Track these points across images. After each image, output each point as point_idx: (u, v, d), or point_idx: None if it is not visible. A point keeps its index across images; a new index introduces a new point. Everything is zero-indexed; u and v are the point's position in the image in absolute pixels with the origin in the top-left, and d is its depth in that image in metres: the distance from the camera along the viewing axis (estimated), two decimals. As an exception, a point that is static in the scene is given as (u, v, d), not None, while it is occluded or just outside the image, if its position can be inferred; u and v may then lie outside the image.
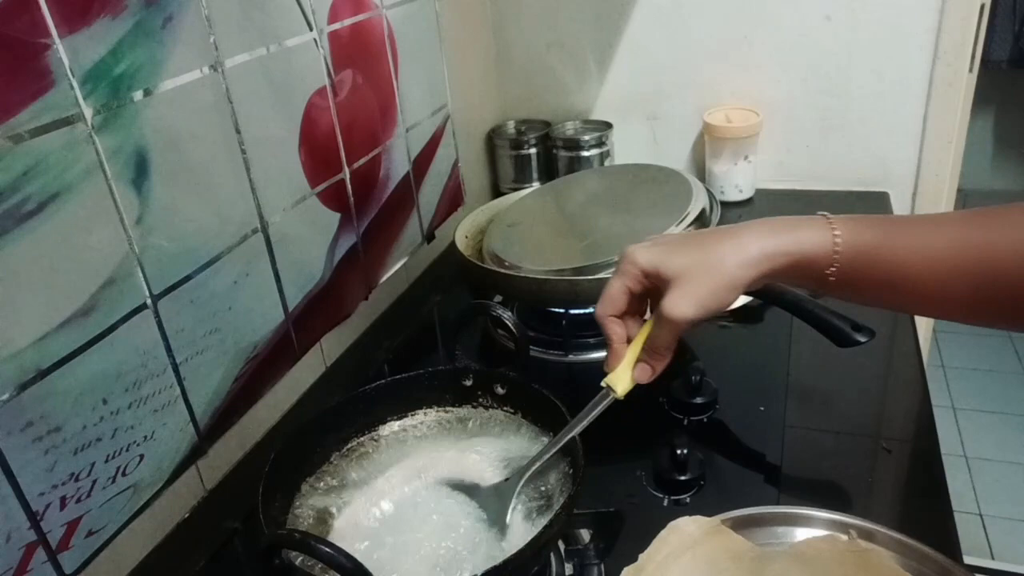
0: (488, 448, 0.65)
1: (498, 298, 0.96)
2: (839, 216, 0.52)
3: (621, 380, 0.58)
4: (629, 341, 0.59)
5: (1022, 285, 0.46)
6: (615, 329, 0.58)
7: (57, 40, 0.52)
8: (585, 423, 0.58)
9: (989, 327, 0.51)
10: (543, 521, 0.55)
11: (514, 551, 0.49)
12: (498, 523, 0.57)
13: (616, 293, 0.57)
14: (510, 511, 0.57)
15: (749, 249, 0.53)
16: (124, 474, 0.61)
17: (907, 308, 0.54)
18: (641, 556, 0.56)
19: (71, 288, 0.55)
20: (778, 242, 0.52)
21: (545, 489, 0.60)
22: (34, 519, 0.53)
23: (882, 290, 0.52)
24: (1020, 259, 0.45)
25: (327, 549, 0.44)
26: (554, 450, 0.58)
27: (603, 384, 0.59)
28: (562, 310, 0.91)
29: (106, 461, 0.59)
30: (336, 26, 0.85)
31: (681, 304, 0.53)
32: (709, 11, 1.22)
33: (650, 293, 0.57)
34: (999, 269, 0.46)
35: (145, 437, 0.63)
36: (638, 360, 0.58)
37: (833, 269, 0.51)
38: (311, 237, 0.85)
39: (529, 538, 0.50)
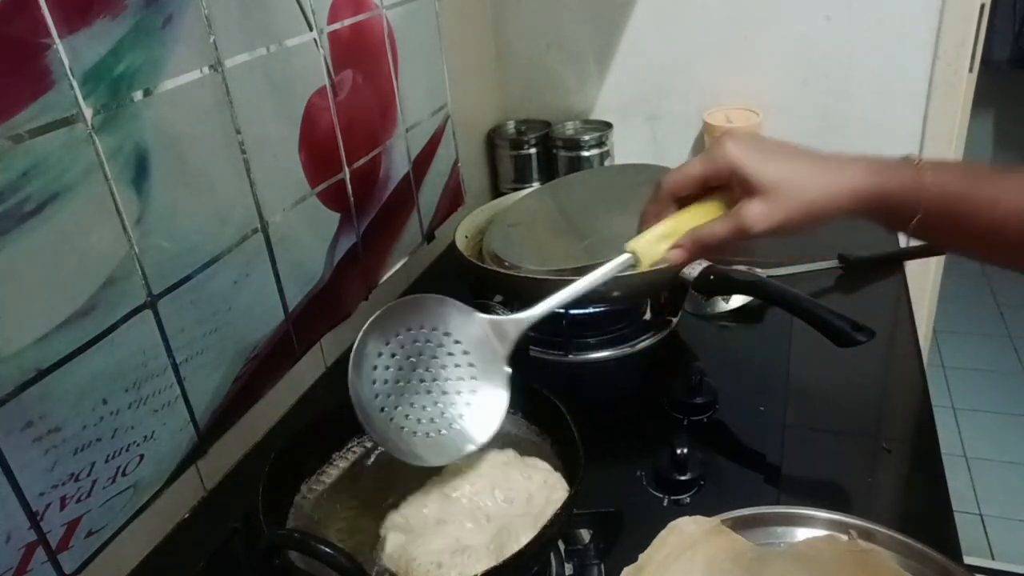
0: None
1: (498, 298, 0.96)
2: (928, 161, 0.52)
3: (651, 250, 0.55)
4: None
5: None
6: (663, 204, 0.57)
7: (57, 40, 0.52)
8: (599, 280, 0.55)
9: None
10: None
11: (513, 552, 0.49)
12: (494, 365, 0.57)
13: (694, 175, 0.56)
14: (508, 356, 0.57)
15: (839, 183, 0.53)
16: (124, 474, 0.61)
17: (988, 258, 0.54)
18: (641, 556, 0.56)
19: (71, 288, 0.55)
20: (868, 182, 0.52)
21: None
22: (34, 519, 0.53)
23: (964, 239, 0.53)
24: None
25: (327, 549, 0.44)
26: (561, 299, 0.56)
27: (627, 248, 0.55)
28: (562, 310, 0.91)
29: (106, 461, 0.59)
30: (336, 26, 0.85)
31: (761, 217, 0.53)
32: (709, 11, 1.22)
33: (723, 186, 0.56)
34: None
35: (145, 437, 0.63)
36: (676, 243, 0.55)
37: (918, 216, 0.51)
38: (311, 237, 0.85)
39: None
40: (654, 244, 0.55)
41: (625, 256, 0.55)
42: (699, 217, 0.55)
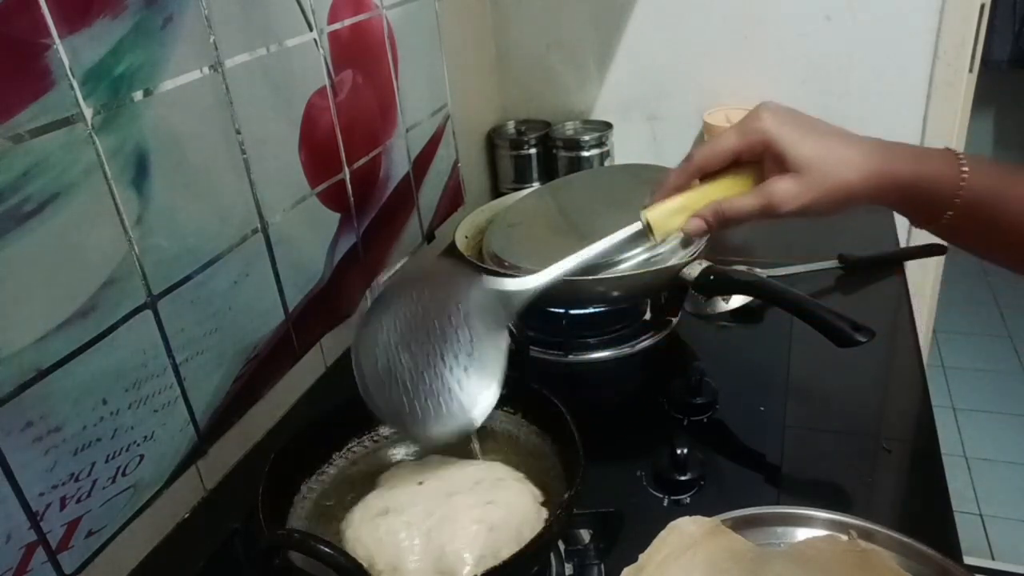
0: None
1: (498, 298, 0.96)
2: (969, 156, 0.50)
3: (666, 222, 0.53)
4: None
5: None
6: (687, 176, 0.54)
7: (57, 40, 0.52)
8: (609, 247, 0.55)
9: None
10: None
11: (513, 553, 0.49)
12: (496, 333, 0.57)
13: (727, 147, 0.53)
14: (510, 321, 0.57)
15: (876, 166, 0.50)
16: (124, 474, 0.61)
17: (1019, 266, 0.52)
18: (641, 556, 0.56)
19: (71, 288, 0.55)
20: (906, 168, 0.50)
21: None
22: (34, 519, 0.53)
23: (996, 241, 0.51)
24: None
25: (327, 549, 0.44)
26: (570, 267, 0.57)
27: (643, 217, 0.54)
28: (562, 310, 0.91)
29: (106, 461, 0.59)
30: (336, 26, 0.85)
31: (792, 196, 0.51)
32: (709, 11, 1.22)
33: (754, 160, 0.53)
34: None
35: (145, 437, 0.63)
36: (697, 214, 0.53)
37: (955, 204, 0.49)
38: (311, 237, 0.85)
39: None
40: (670, 216, 0.53)
41: (638, 225, 0.53)
42: (722, 191, 0.53)
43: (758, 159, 0.53)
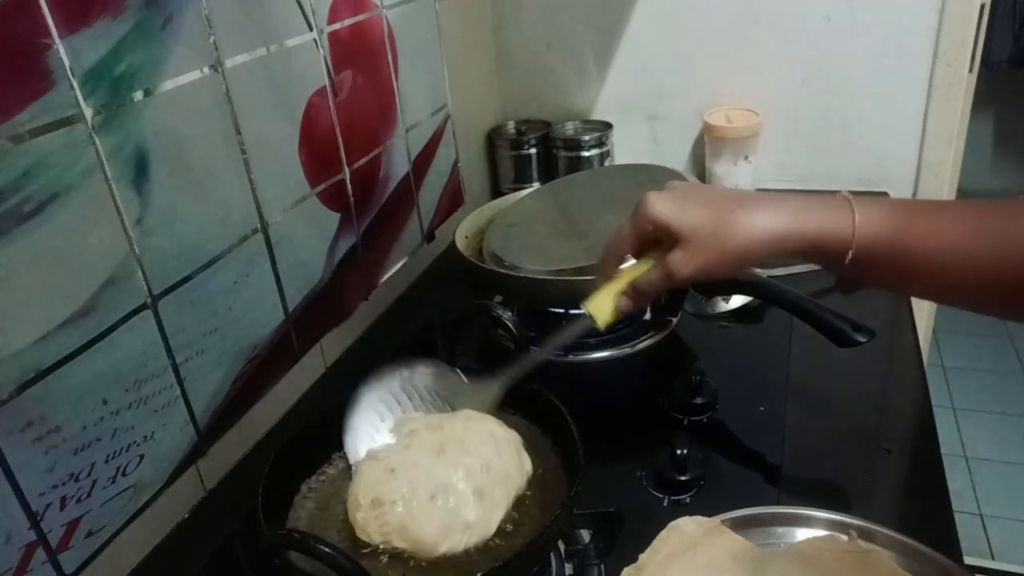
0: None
1: (498, 298, 0.96)
2: (860, 198, 0.52)
3: (602, 309, 0.60)
4: None
5: None
6: (611, 265, 0.60)
7: (57, 40, 0.52)
8: (564, 342, 0.61)
9: (1004, 317, 0.51)
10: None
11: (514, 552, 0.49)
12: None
13: (627, 236, 0.59)
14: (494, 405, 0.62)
15: (761, 226, 0.53)
16: (124, 474, 0.61)
17: (922, 294, 0.56)
18: (641, 556, 0.56)
19: (71, 288, 0.55)
20: (794, 223, 0.53)
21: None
22: (34, 519, 0.53)
23: (898, 275, 0.52)
24: None
25: (327, 549, 0.44)
26: (535, 361, 0.62)
27: (583, 309, 0.60)
28: (562, 310, 0.91)
29: (106, 461, 0.59)
30: (336, 26, 0.85)
31: (685, 265, 0.55)
32: (709, 11, 1.22)
33: (658, 239, 0.58)
34: (1013, 258, 0.46)
35: (145, 437, 0.63)
36: (623, 293, 0.59)
37: (850, 253, 0.51)
38: (311, 237, 0.85)
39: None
40: (605, 303, 0.60)
41: (583, 316, 0.60)
42: (641, 271, 0.59)
43: (657, 240, 0.58)
